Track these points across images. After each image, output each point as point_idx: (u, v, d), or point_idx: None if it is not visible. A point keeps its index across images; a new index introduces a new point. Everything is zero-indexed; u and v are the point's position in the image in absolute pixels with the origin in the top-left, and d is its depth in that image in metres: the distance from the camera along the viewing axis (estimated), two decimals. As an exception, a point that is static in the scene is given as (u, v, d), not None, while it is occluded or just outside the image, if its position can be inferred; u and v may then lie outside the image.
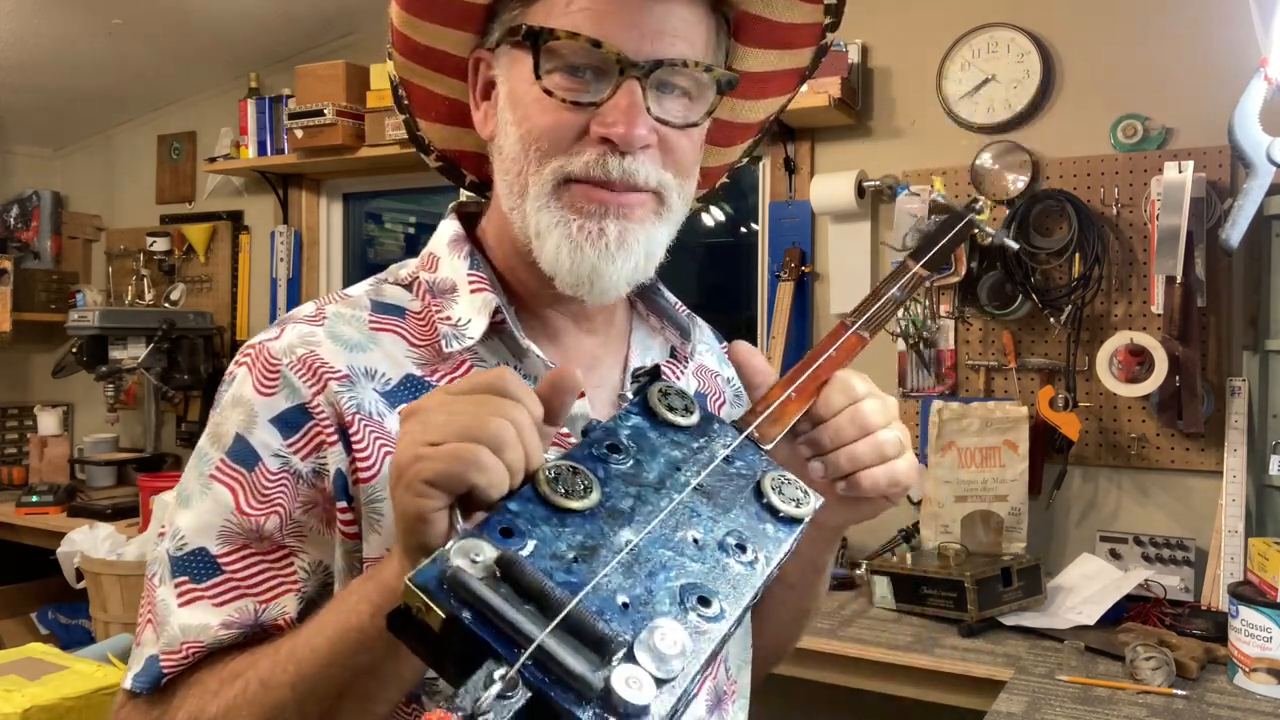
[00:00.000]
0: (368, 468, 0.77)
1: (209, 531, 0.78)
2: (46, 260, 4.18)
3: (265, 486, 0.77)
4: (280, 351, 0.79)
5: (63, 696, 1.46)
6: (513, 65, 0.80)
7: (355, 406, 0.77)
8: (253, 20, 3.45)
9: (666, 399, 0.72)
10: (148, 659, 0.77)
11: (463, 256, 0.85)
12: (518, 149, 0.79)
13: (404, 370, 0.81)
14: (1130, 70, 2.45)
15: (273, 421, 0.77)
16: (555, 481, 0.62)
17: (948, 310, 2.58)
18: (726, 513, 0.66)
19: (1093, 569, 2.31)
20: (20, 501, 3.44)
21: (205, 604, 0.77)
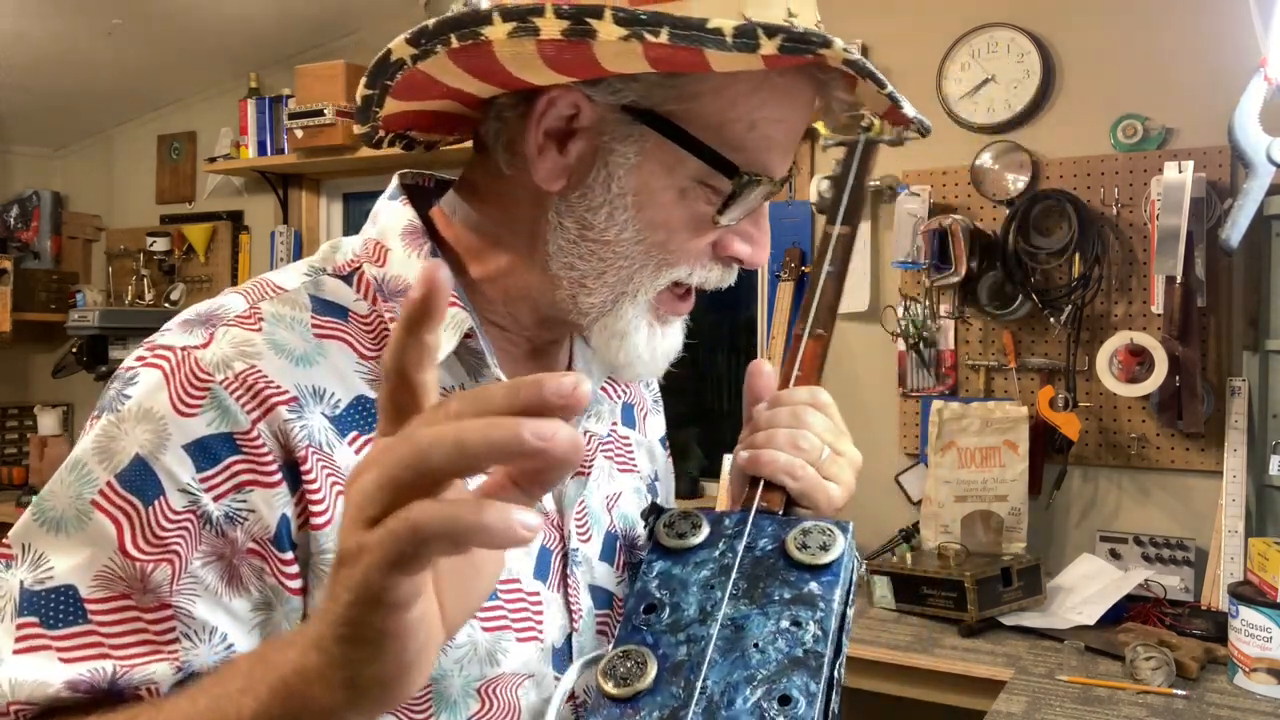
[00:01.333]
0: (320, 511, 0.66)
1: (84, 570, 0.63)
2: (46, 260, 4.18)
3: (162, 526, 0.63)
4: (212, 365, 0.66)
5: (63, 697, 1.46)
6: (657, 160, 0.71)
7: (306, 437, 0.66)
8: (253, 20, 3.45)
9: (674, 529, 0.73)
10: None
11: (423, 256, 0.74)
12: (635, 249, 0.72)
13: (354, 390, 0.70)
14: (1130, 70, 2.45)
15: (187, 448, 0.64)
16: (612, 675, 0.64)
17: (948, 310, 2.58)
18: (771, 601, 0.68)
19: (1093, 569, 2.31)
20: (20, 501, 3.44)
21: (51, 655, 0.62)
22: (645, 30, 0.62)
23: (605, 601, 0.80)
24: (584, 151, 0.72)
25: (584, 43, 0.64)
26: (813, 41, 0.66)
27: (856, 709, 2.63)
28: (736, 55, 0.64)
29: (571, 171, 0.72)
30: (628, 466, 0.88)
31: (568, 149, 0.72)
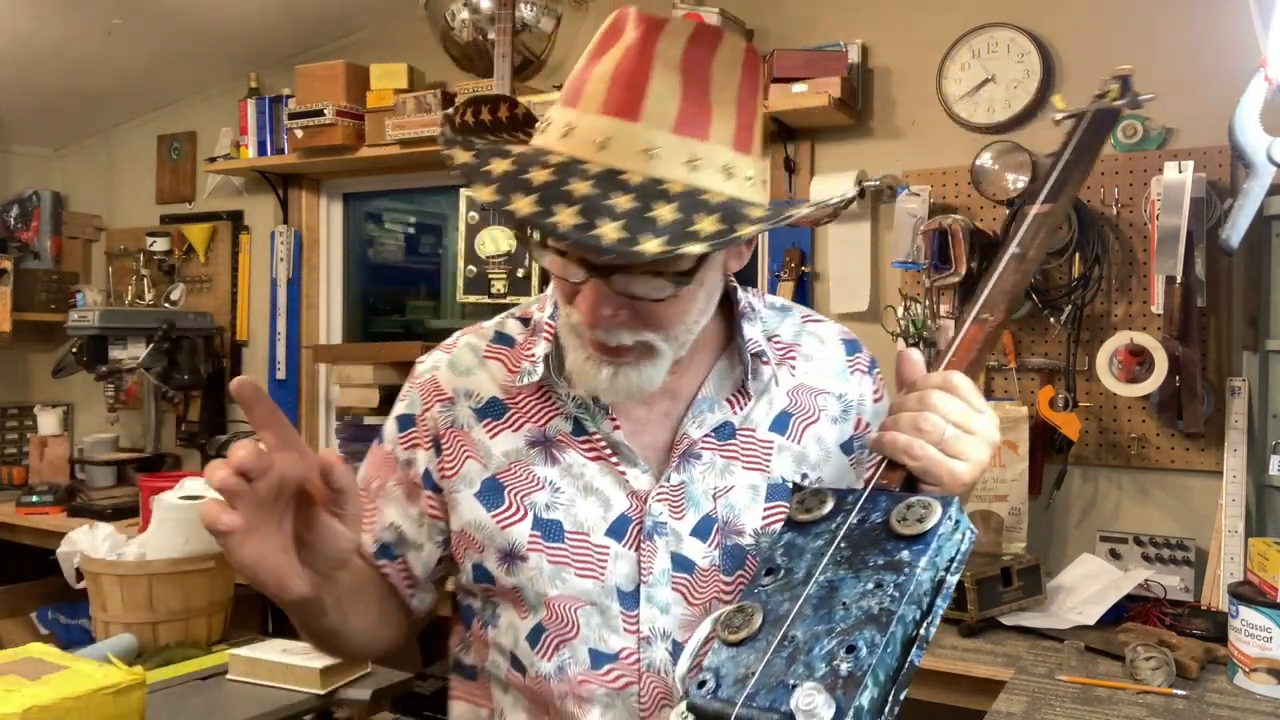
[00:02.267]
0: (451, 468, 1.03)
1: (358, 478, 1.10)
2: (46, 260, 4.18)
3: (380, 458, 1.10)
4: (418, 375, 1.09)
5: (63, 696, 1.45)
6: None
7: (450, 421, 1.04)
8: (253, 20, 3.45)
9: (804, 504, 0.86)
10: None
11: (551, 303, 1.03)
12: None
13: (491, 393, 1.04)
14: (1130, 70, 2.45)
15: (396, 419, 1.08)
16: (726, 625, 0.79)
17: (948, 310, 2.58)
18: (865, 566, 0.78)
19: (1093, 569, 2.31)
20: (20, 501, 3.44)
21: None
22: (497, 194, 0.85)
23: (686, 566, 0.98)
24: None
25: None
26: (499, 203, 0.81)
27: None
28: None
29: None
30: (754, 466, 1.02)
31: None
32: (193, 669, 1.95)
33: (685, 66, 0.84)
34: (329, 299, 3.88)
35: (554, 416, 1.02)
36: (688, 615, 0.97)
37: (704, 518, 0.99)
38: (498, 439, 1.02)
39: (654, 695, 0.96)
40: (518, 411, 1.02)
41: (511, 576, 0.99)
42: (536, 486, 1.00)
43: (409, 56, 3.35)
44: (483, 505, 1.01)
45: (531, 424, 1.02)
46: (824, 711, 0.69)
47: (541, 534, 0.99)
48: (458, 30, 3.11)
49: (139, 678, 1.57)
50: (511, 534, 0.99)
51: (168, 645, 2.06)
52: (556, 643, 0.98)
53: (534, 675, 1.00)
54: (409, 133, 3.15)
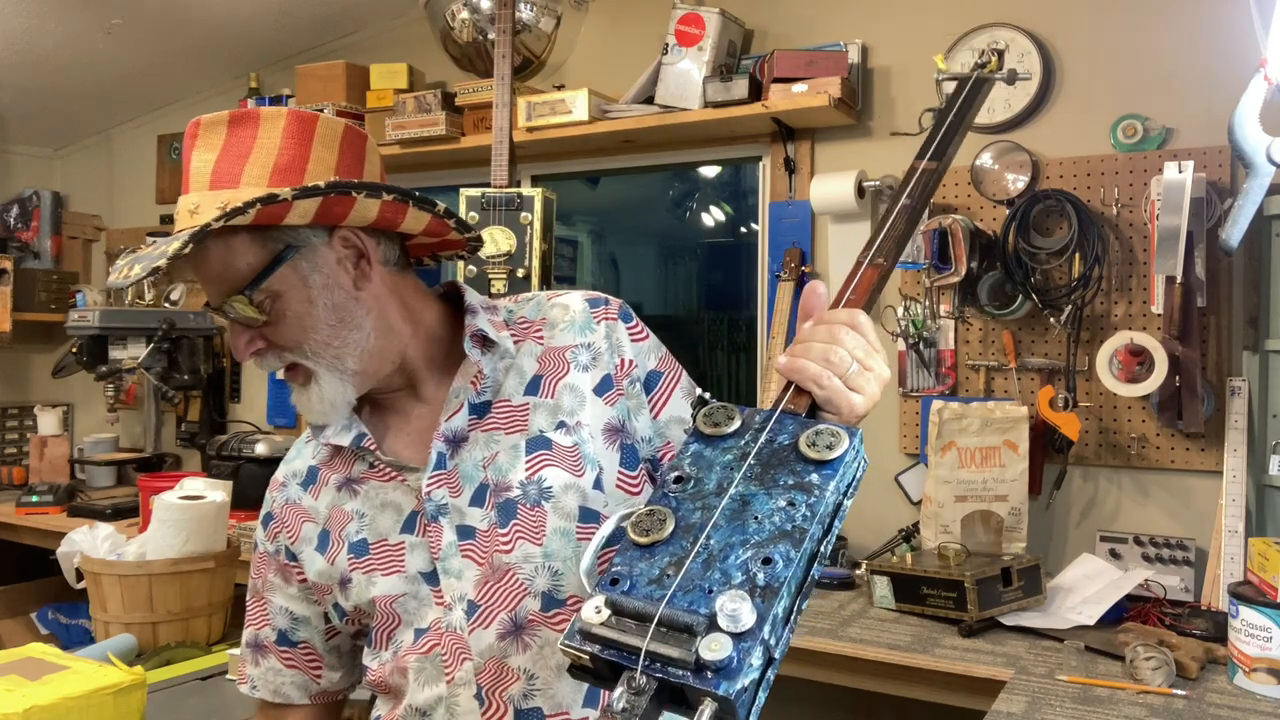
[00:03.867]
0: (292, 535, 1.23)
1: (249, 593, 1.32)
2: (46, 260, 4.18)
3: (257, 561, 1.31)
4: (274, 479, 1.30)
5: (63, 696, 1.45)
6: None
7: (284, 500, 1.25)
8: (253, 20, 3.45)
9: (711, 417, 0.89)
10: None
11: None
12: None
13: (306, 464, 1.25)
14: (1130, 70, 2.45)
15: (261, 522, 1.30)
16: (637, 526, 0.81)
17: (948, 310, 2.58)
18: (776, 485, 0.82)
19: (1093, 569, 2.31)
20: (20, 501, 3.44)
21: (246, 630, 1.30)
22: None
23: (468, 534, 1.11)
24: None
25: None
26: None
27: (857, 709, 2.63)
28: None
29: None
30: (514, 429, 1.14)
31: None
32: (193, 669, 1.95)
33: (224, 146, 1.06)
34: (329, 299, 3.88)
35: (355, 462, 1.20)
36: (479, 575, 1.10)
37: (479, 487, 1.12)
38: (320, 498, 1.20)
39: (453, 651, 1.09)
40: (326, 470, 1.21)
41: (349, 600, 1.16)
42: (348, 519, 1.17)
43: (409, 56, 3.35)
44: (319, 553, 1.18)
45: (337, 474, 1.20)
46: (747, 617, 0.73)
47: (355, 554, 1.15)
48: (458, 30, 3.11)
49: (139, 678, 1.57)
50: (338, 565, 1.16)
51: (168, 645, 2.06)
52: (384, 635, 1.15)
53: (375, 667, 1.16)
54: (409, 133, 3.16)
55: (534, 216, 2.80)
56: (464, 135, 3.15)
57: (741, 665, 0.72)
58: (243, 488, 2.98)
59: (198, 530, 2.13)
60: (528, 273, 2.83)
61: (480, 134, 3.08)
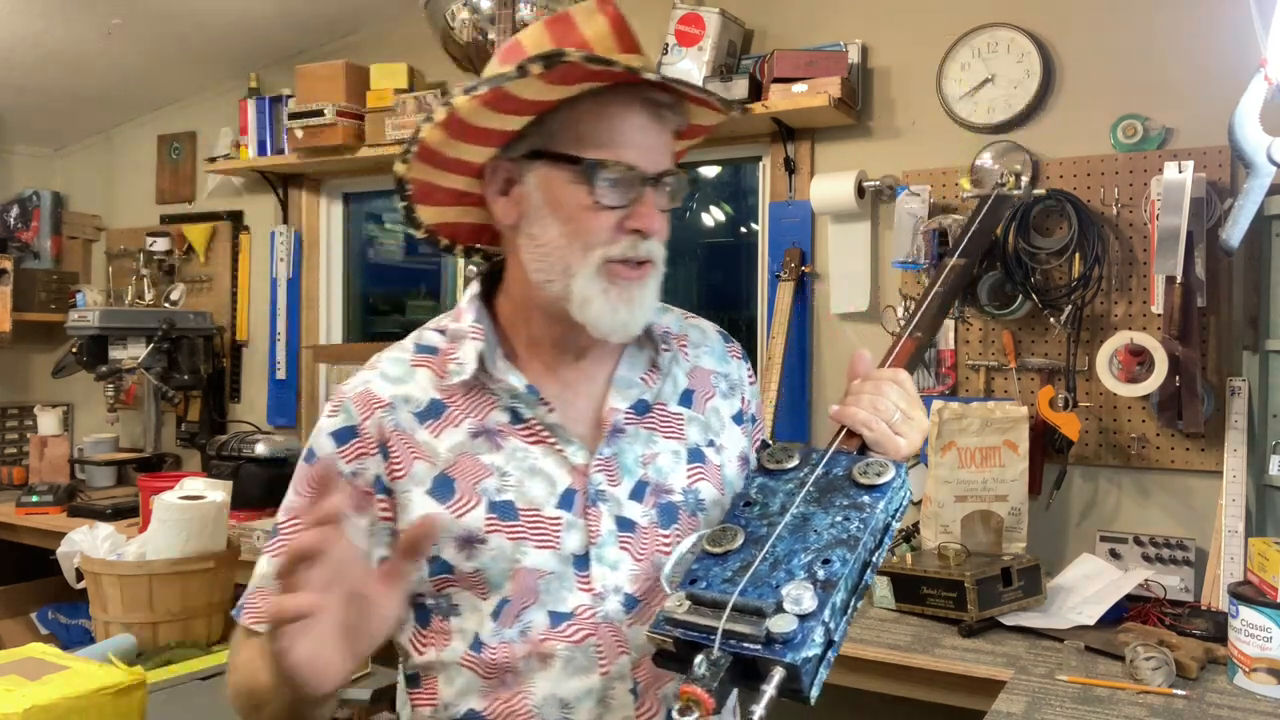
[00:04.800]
0: (401, 470, 1.09)
1: (283, 508, 1.15)
2: (46, 260, 4.18)
3: (314, 477, 1.11)
4: (347, 391, 1.13)
5: (63, 696, 1.45)
6: (549, 177, 1.06)
7: (394, 425, 1.09)
8: (253, 20, 3.45)
9: (774, 457, 1.05)
10: (244, 597, 1.13)
11: (473, 311, 1.14)
12: (562, 240, 1.06)
13: (430, 395, 1.11)
14: (1130, 70, 2.45)
15: (331, 434, 1.11)
16: (712, 540, 0.96)
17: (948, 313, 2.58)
18: (833, 505, 0.96)
19: (1093, 569, 2.31)
20: (20, 501, 3.44)
21: (266, 557, 1.13)
22: (476, 89, 1.01)
23: (628, 526, 1.11)
24: (517, 192, 1.10)
25: (453, 113, 1.03)
26: (556, 56, 0.96)
27: (857, 709, 2.63)
28: (525, 82, 0.98)
29: (516, 209, 1.10)
30: (672, 435, 1.18)
31: (510, 195, 1.11)
32: (193, 669, 1.95)
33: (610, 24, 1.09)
34: (329, 299, 3.89)
35: (491, 410, 1.11)
36: (634, 569, 1.09)
37: (638, 482, 1.13)
38: (441, 437, 1.10)
39: (611, 643, 1.07)
40: (456, 409, 1.11)
41: (472, 560, 1.07)
42: (485, 474, 1.09)
43: (409, 56, 3.35)
44: (435, 500, 1.08)
45: (471, 419, 1.11)
46: (809, 602, 0.85)
47: (498, 516, 1.08)
48: (458, 30, 3.11)
49: (139, 678, 1.57)
50: (467, 521, 1.07)
51: (168, 645, 2.06)
52: (519, 611, 1.08)
53: (495, 645, 1.08)
54: (409, 133, 3.15)
55: (534, 216, 2.80)
56: (464, 135, 3.15)
57: (806, 639, 0.84)
58: (243, 488, 2.98)
59: (198, 530, 2.13)
60: (528, 273, 2.82)
61: (480, 134, 3.08)
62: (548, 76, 0.98)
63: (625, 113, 1.06)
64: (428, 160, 1.10)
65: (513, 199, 1.10)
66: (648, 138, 1.07)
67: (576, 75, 1.00)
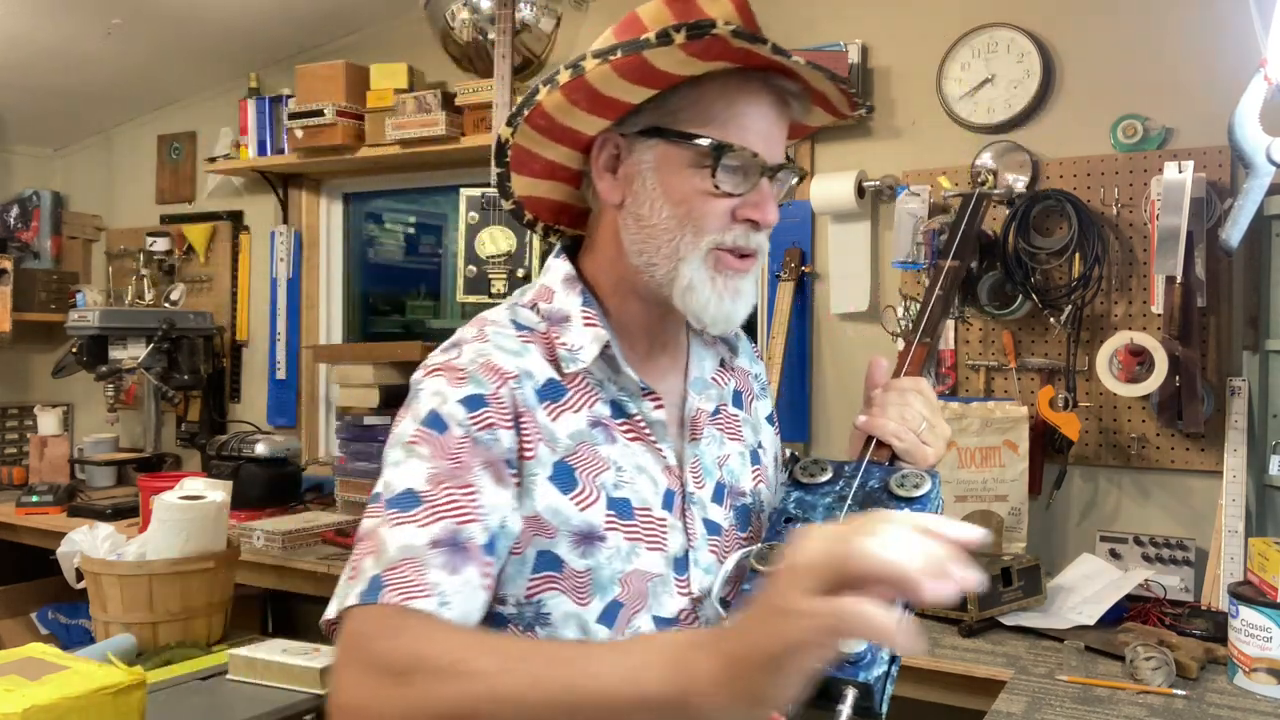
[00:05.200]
0: (530, 450, 0.99)
1: (416, 476, 0.93)
2: (46, 260, 4.18)
3: (452, 445, 0.95)
4: (464, 363, 1.00)
5: (63, 696, 1.45)
6: (666, 158, 1.02)
7: (524, 401, 0.99)
8: (253, 20, 3.45)
9: (807, 470, 1.05)
10: (370, 579, 0.88)
11: (576, 294, 1.08)
12: (673, 223, 1.02)
13: (546, 374, 1.03)
14: (1130, 70, 2.45)
15: (461, 401, 0.96)
16: (760, 558, 0.97)
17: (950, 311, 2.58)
18: None
19: (1093, 569, 2.31)
20: (20, 501, 3.44)
21: (412, 526, 0.90)
22: (609, 54, 0.95)
23: (715, 530, 1.10)
24: (627, 170, 1.05)
25: (581, 78, 0.98)
26: (704, 26, 0.93)
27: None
28: (663, 51, 0.94)
29: (624, 187, 1.05)
30: (735, 437, 1.17)
31: (618, 173, 1.05)
32: (193, 669, 1.95)
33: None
34: (329, 299, 3.89)
35: (595, 401, 1.05)
36: (726, 572, 1.09)
37: (717, 485, 1.12)
38: (559, 421, 1.01)
39: None
40: (573, 394, 1.03)
41: (586, 559, 0.99)
42: (603, 467, 1.02)
43: (409, 56, 3.35)
44: (557, 489, 0.99)
45: (587, 408, 1.04)
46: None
47: (616, 513, 1.02)
48: (458, 30, 3.11)
49: (139, 678, 1.57)
50: (589, 516, 1.00)
51: (168, 645, 2.06)
52: (630, 616, 1.02)
53: None
54: (409, 133, 3.16)
55: (534, 216, 2.80)
56: (464, 135, 3.15)
57: (875, 658, 0.85)
58: (243, 488, 2.98)
59: (198, 530, 2.13)
60: (528, 273, 2.83)
61: (480, 134, 3.08)
62: (689, 47, 0.94)
63: (754, 98, 1.02)
64: (537, 127, 1.04)
65: (620, 177, 1.05)
66: (771, 127, 1.03)
67: (716, 51, 0.96)
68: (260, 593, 3.21)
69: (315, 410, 3.82)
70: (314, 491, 3.44)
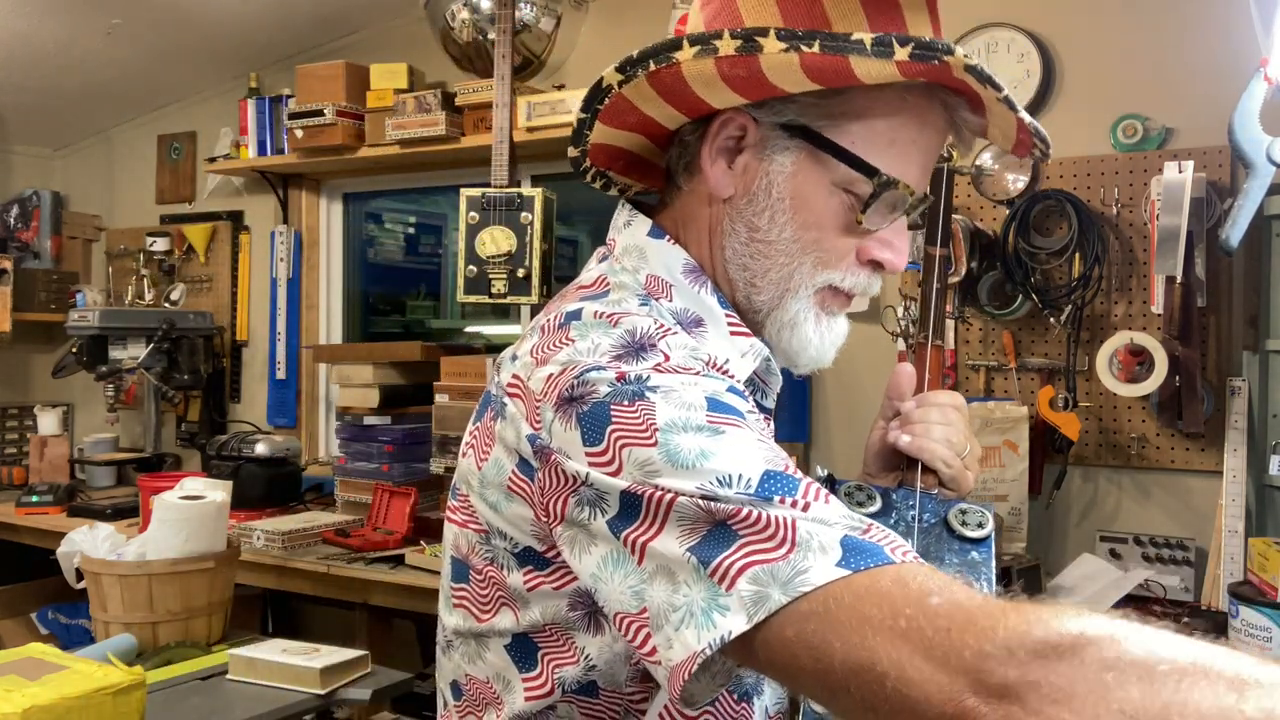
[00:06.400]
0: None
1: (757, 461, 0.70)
2: (46, 260, 4.18)
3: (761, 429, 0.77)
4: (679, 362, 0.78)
5: (63, 696, 1.45)
6: (808, 169, 0.85)
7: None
8: (253, 20, 3.45)
9: (853, 498, 0.95)
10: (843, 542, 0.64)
11: (708, 292, 0.90)
12: (794, 247, 0.86)
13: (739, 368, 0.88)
14: (1130, 70, 2.45)
15: (730, 390, 0.77)
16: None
17: (948, 310, 2.57)
18: (943, 564, 0.89)
19: (1093, 569, 2.31)
20: (20, 501, 3.44)
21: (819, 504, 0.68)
22: (801, 43, 0.77)
23: None
24: (749, 164, 0.87)
25: (753, 57, 0.78)
26: (938, 49, 0.79)
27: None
28: (875, 62, 0.77)
29: (739, 181, 0.87)
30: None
31: (735, 163, 0.87)
32: (193, 669, 1.95)
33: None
34: (329, 299, 3.89)
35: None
36: None
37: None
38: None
39: None
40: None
41: None
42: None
43: (409, 56, 3.35)
44: None
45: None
46: None
47: None
48: (458, 30, 3.11)
49: (139, 678, 1.57)
50: None
51: (168, 645, 2.06)
52: None
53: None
54: (409, 133, 3.15)
55: (534, 216, 2.80)
56: (464, 135, 3.15)
57: None
58: (243, 488, 2.98)
59: (198, 530, 2.13)
60: (528, 273, 2.82)
61: (480, 134, 3.08)
62: (908, 67, 0.78)
63: (928, 126, 0.87)
64: (659, 84, 0.84)
65: (739, 168, 0.87)
66: (931, 159, 0.90)
67: (922, 71, 0.80)
68: (260, 593, 3.21)
69: (315, 410, 3.82)
70: (314, 491, 3.44)
